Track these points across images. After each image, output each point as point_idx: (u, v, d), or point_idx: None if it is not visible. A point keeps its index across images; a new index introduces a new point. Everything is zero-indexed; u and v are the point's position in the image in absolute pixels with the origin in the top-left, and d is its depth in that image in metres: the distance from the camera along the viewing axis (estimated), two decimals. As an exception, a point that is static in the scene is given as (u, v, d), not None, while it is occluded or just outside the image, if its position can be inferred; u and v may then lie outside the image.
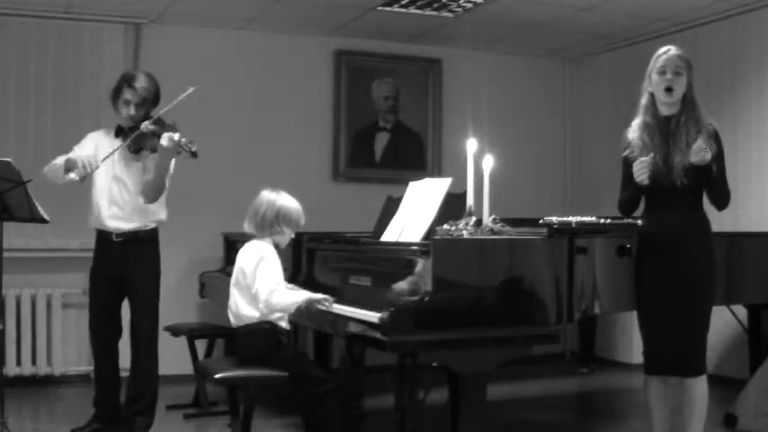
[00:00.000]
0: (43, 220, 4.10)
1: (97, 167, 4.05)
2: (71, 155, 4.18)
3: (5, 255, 4.05)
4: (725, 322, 5.35)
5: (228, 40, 6.40)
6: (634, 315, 3.81)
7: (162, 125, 4.07)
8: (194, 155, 3.94)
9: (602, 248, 3.68)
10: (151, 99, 4.23)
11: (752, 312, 4.87)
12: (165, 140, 3.94)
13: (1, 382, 4.03)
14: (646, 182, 3.54)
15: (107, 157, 4.13)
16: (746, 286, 4.49)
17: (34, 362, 5.78)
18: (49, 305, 5.82)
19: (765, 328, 4.82)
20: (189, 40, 6.27)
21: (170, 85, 6.04)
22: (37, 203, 4.04)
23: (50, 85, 5.89)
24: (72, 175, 4.08)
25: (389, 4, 5.83)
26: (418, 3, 5.82)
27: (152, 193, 4.16)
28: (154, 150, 4.07)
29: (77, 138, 4.53)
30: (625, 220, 3.84)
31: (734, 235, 4.70)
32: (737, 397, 4.64)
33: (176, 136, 3.91)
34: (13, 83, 5.84)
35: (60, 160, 4.17)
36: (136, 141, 4.11)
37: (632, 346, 6.51)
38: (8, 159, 3.91)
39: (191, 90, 4.08)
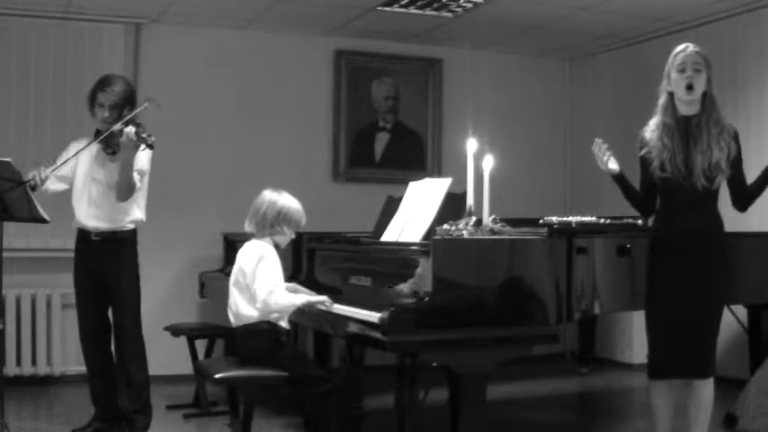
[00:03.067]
0: (43, 220, 4.11)
1: (45, 177, 4.09)
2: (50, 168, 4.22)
3: (5, 255, 4.05)
4: (725, 322, 5.32)
5: (228, 40, 6.40)
6: (634, 315, 3.81)
7: (129, 125, 4.09)
8: (151, 146, 3.99)
9: (602, 248, 3.68)
10: (123, 102, 4.25)
11: (752, 312, 4.87)
12: (123, 137, 4.01)
13: (1, 382, 4.03)
14: (614, 169, 3.55)
15: (71, 157, 4.20)
16: (746, 286, 4.48)
17: (34, 362, 5.78)
18: (48, 305, 5.82)
19: (765, 328, 4.81)
20: (189, 40, 6.27)
21: (170, 85, 6.09)
22: (37, 203, 4.04)
23: (50, 85, 5.89)
24: (34, 192, 4.11)
25: (389, 4, 5.83)
26: (418, 3, 5.82)
27: (122, 189, 4.18)
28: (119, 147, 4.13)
29: (77, 138, 4.53)
30: (625, 220, 3.83)
31: (734, 235, 4.69)
32: (737, 397, 4.63)
33: (132, 131, 3.96)
34: (13, 83, 5.83)
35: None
36: (107, 142, 4.19)
37: (632, 346, 6.51)
38: (8, 159, 3.91)
39: (145, 104, 4.16)
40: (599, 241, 3.66)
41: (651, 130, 3.65)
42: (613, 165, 3.63)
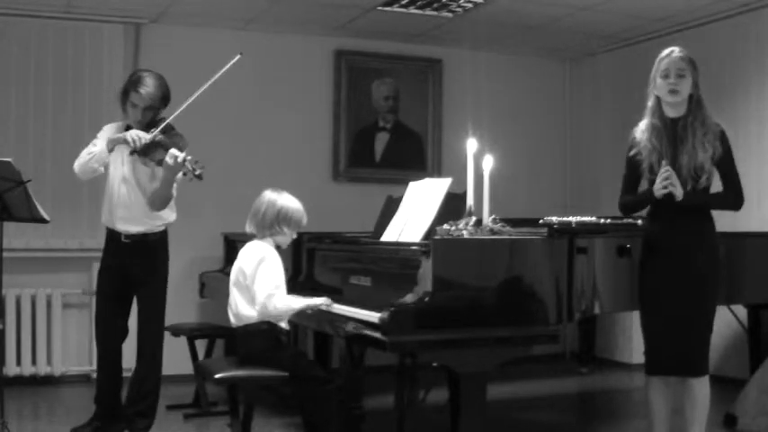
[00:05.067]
0: (43, 220, 4.10)
1: (146, 141, 4.01)
2: (96, 146, 4.15)
3: (5, 255, 4.05)
4: (725, 322, 5.34)
5: (228, 40, 6.38)
6: (634, 315, 3.82)
7: (171, 136, 4.04)
8: (199, 177, 3.90)
9: (603, 248, 3.68)
10: (158, 104, 4.21)
11: (752, 312, 4.87)
12: (169, 158, 3.91)
13: (1, 382, 4.03)
14: (678, 196, 3.53)
15: (153, 133, 4.07)
16: (746, 286, 4.49)
17: (34, 362, 5.78)
18: (49, 305, 5.82)
19: (765, 328, 4.82)
20: (189, 40, 6.27)
21: (170, 85, 6.04)
22: (37, 203, 4.04)
23: (50, 85, 5.89)
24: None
25: (389, 4, 5.83)
26: (418, 3, 5.82)
27: (158, 202, 4.17)
28: (160, 163, 4.02)
29: (77, 137, 4.56)
30: (625, 220, 3.84)
31: (734, 235, 4.70)
32: (737, 397, 4.64)
33: (180, 157, 3.87)
34: (13, 83, 5.83)
35: (95, 148, 4.15)
36: (145, 151, 4.05)
37: (632, 346, 6.51)
38: (8, 159, 3.91)
39: (237, 57, 4.09)
40: (599, 241, 3.67)
41: (641, 131, 3.69)
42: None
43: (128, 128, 4.20)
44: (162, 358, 4.38)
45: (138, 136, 4.01)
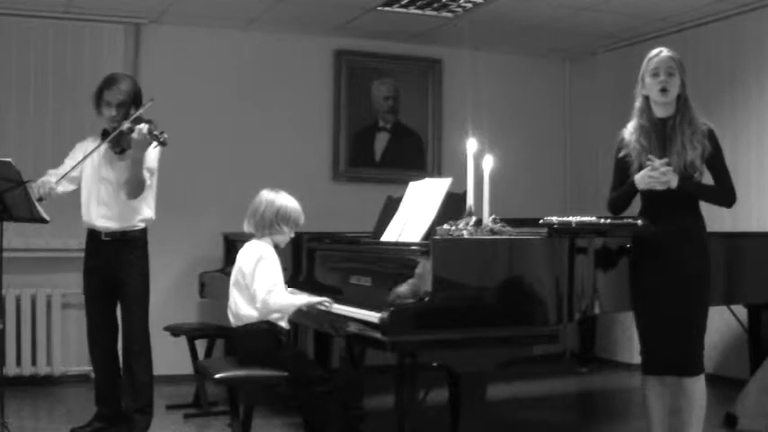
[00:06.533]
0: (43, 220, 4.10)
1: (49, 191, 4.14)
2: (51, 174, 4.26)
3: (5, 255, 4.05)
4: (725, 322, 5.35)
5: (228, 40, 6.40)
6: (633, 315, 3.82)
7: (139, 123, 4.09)
8: (163, 143, 3.98)
9: (603, 248, 3.68)
10: (130, 100, 4.27)
11: (752, 312, 4.87)
12: (135, 134, 4.00)
13: (1, 382, 4.03)
14: (673, 185, 3.54)
15: (80, 162, 4.22)
16: (746, 286, 4.49)
17: (34, 362, 5.78)
18: (49, 305, 5.82)
19: (765, 328, 4.82)
20: (189, 40, 6.28)
21: (170, 85, 6.09)
22: (37, 203, 4.04)
23: (50, 85, 5.89)
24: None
25: (389, 4, 5.83)
26: (418, 3, 5.82)
27: (132, 187, 4.19)
28: (130, 145, 4.12)
29: (77, 138, 4.55)
30: (625, 221, 3.84)
31: (734, 235, 4.70)
32: (737, 397, 4.64)
33: (145, 128, 3.96)
34: (13, 83, 5.83)
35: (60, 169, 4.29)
36: (116, 141, 4.18)
37: (632, 346, 6.50)
38: (8, 159, 3.91)
39: (149, 103, 4.16)
40: (599, 241, 3.67)
41: (630, 132, 3.70)
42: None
43: (104, 132, 4.25)
44: (151, 354, 4.39)
45: (44, 185, 4.13)
